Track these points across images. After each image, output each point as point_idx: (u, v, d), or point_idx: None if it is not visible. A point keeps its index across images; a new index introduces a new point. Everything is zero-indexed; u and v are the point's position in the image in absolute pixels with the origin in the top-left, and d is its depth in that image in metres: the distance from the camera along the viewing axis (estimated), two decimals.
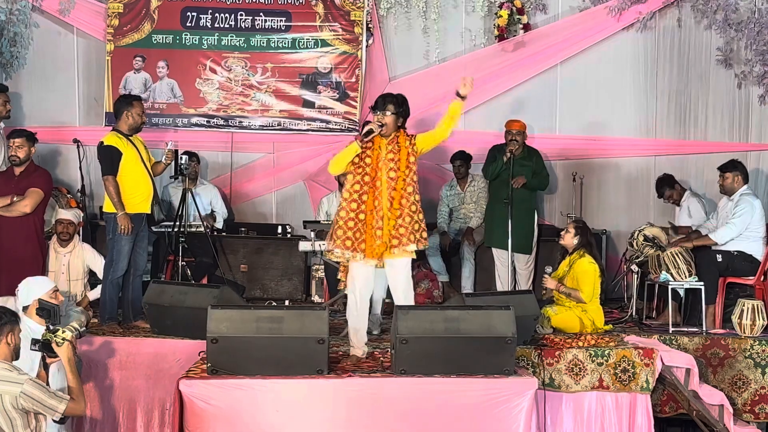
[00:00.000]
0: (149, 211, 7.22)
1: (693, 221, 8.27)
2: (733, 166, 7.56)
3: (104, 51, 9.27)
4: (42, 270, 7.12)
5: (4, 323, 4.49)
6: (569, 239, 7.16)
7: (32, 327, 5.30)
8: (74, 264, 7.39)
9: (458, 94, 6.01)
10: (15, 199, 7.02)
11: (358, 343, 6.01)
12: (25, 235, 7.02)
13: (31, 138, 7.15)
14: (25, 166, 7.11)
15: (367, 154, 5.91)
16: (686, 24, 9.22)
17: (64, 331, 4.74)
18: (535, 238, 8.24)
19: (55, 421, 4.59)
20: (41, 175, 7.23)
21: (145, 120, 7.24)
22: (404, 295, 5.94)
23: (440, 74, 9.29)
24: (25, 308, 5.42)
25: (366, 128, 5.93)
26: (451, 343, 5.46)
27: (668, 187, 8.64)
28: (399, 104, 5.95)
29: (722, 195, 7.70)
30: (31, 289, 5.46)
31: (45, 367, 4.82)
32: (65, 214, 7.50)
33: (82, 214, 7.77)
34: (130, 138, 7.11)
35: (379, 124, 5.86)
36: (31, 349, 4.79)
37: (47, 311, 5.59)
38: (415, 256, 6.02)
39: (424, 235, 5.98)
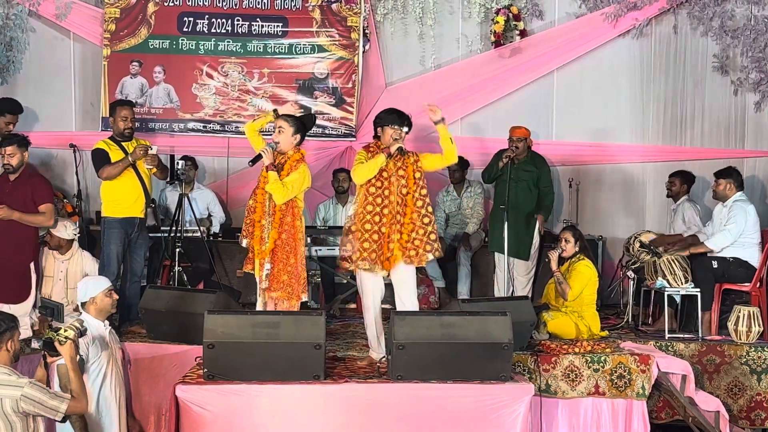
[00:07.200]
0: (142, 216, 7.21)
1: (686, 227, 8.27)
2: (727, 174, 7.56)
3: (101, 56, 9.26)
4: (38, 279, 7.07)
5: (3, 330, 4.48)
6: (571, 248, 7.15)
7: (91, 323, 5.37)
8: (72, 271, 7.24)
9: (434, 122, 6.18)
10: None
11: (378, 348, 6.12)
12: (17, 242, 6.89)
13: (23, 143, 6.98)
14: (20, 172, 6.98)
15: (383, 168, 6.03)
16: (682, 31, 9.25)
17: (66, 330, 4.74)
18: (534, 246, 8.23)
19: (57, 421, 4.60)
20: (43, 184, 7.08)
21: (129, 125, 7.18)
22: (410, 302, 6.09)
23: (436, 80, 9.33)
24: (83, 304, 5.47)
25: (396, 146, 6.02)
26: (447, 349, 5.46)
27: (681, 179, 8.49)
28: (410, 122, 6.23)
29: (716, 201, 7.71)
30: (89, 287, 5.50)
31: (45, 366, 4.81)
32: (62, 233, 7.20)
33: (77, 231, 7.51)
34: (122, 144, 7.11)
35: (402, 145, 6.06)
36: (32, 348, 4.79)
37: (50, 309, 5.59)
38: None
39: (438, 245, 6.13)
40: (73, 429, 5.15)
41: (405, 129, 6.13)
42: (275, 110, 6.54)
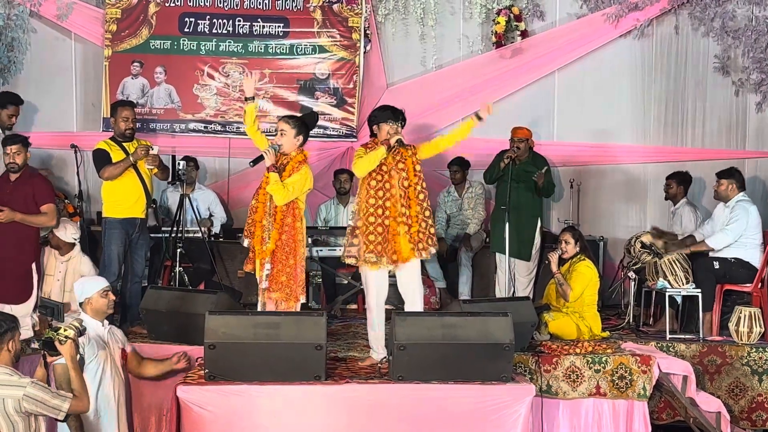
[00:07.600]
0: (143, 216, 7.20)
1: (684, 230, 8.25)
2: (729, 174, 7.56)
3: (102, 56, 9.26)
4: (39, 279, 7.07)
5: (4, 331, 4.49)
6: (571, 249, 7.16)
7: (89, 322, 5.36)
8: (70, 273, 7.20)
9: (477, 116, 6.33)
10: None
11: (380, 348, 6.11)
12: (18, 243, 6.88)
13: (26, 143, 7.01)
14: (21, 172, 6.98)
15: (382, 161, 6.06)
16: (683, 31, 9.25)
17: (66, 329, 4.75)
18: (536, 246, 8.21)
19: (59, 420, 4.60)
20: (44, 184, 7.10)
21: (131, 125, 7.17)
22: (418, 296, 6.13)
23: (437, 81, 9.34)
24: (80, 304, 5.49)
25: (396, 138, 6.05)
26: (448, 350, 5.46)
27: (677, 181, 8.52)
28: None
29: (717, 201, 7.70)
30: (86, 288, 5.52)
31: (45, 365, 4.82)
32: (62, 235, 7.20)
33: (78, 234, 7.38)
34: (123, 144, 7.11)
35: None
36: (32, 348, 4.80)
37: (50, 309, 5.59)
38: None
39: (436, 239, 6.18)
40: (69, 429, 5.15)
41: (399, 124, 6.17)
42: (252, 98, 6.38)
